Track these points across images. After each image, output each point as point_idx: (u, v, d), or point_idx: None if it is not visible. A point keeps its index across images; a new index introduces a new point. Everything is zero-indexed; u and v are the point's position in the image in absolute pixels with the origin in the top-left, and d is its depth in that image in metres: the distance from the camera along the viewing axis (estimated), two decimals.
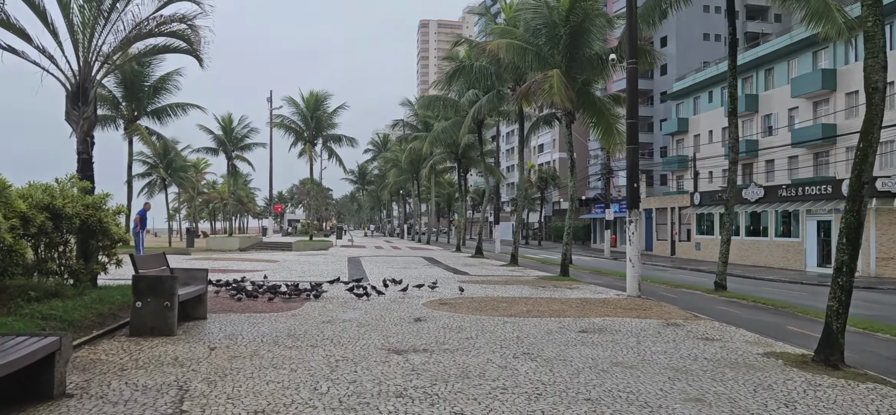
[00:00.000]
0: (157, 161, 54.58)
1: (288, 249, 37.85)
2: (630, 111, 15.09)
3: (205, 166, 78.99)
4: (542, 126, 32.87)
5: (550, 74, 18.22)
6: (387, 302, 13.11)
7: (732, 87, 17.48)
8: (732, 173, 17.63)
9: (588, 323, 10.73)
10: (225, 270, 20.80)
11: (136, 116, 31.76)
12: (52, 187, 10.68)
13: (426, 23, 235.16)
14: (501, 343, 8.69)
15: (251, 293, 12.90)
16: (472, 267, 25.26)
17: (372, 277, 19.12)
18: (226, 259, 26.57)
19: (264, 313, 11.07)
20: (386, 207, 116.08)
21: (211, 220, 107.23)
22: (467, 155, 41.23)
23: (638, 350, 8.43)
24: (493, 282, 18.45)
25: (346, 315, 11.13)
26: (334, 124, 48.04)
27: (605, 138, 20.62)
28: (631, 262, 15.00)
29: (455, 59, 30.97)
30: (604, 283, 20.22)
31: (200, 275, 10.19)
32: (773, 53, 48.59)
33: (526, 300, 13.88)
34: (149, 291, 8.47)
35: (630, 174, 15.14)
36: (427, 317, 11.08)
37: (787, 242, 35.91)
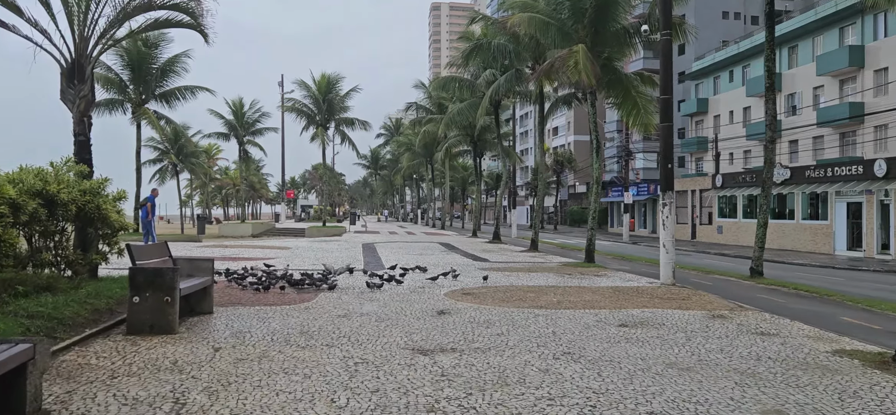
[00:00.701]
0: (167, 147, 53.97)
1: (301, 235, 37.15)
2: (664, 86, 14.11)
3: (217, 152, 78.55)
4: (561, 106, 31.81)
5: (575, 50, 17.22)
6: (406, 292, 12.28)
7: (769, 61, 16.45)
8: (769, 153, 16.63)
9: (627, 315, 9.84)
10: (236, 258, 20.08)
11: (144, 100, 31.04)
12: (46, 172, 9.90)
13: (438, 5, 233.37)
14: (537, 340, 7.82)
15: (263, 284, 12.09)
16: (491, 253, 24.40)
17: (388, 265, 18.32)
18: (238, 246, 25.85)
19: (275, 305, 10.26)
20: (399, 191, 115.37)
21: (224, 206, 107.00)
22: (483, 138, 40.24)
23: (690, 348, 7.54)
24: (515, 269, 17.58)
25: (364, 308, 10.30)
26: (347, 108, 47.19)
27: (631, 118, 19.60)
28: (664, 247, 14.08)
29: (471, 39, 29.94)
30: (631, 269, 19.30)
31: (205, 266, 9.37)
32: (797, 30, 47.09)
33: (554, 290, 13.00)
34: (147, 285, 7.66)
35: (664, 154, 14.20)
36: (451, 309, 10.23)
37: (814, 224, 34.77)
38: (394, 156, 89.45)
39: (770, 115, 16.47)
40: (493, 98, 27.23)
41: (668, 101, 14.06)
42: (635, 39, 19.20)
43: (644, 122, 19.58)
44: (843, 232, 32.40)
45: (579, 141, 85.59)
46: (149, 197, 24.12)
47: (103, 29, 11.06)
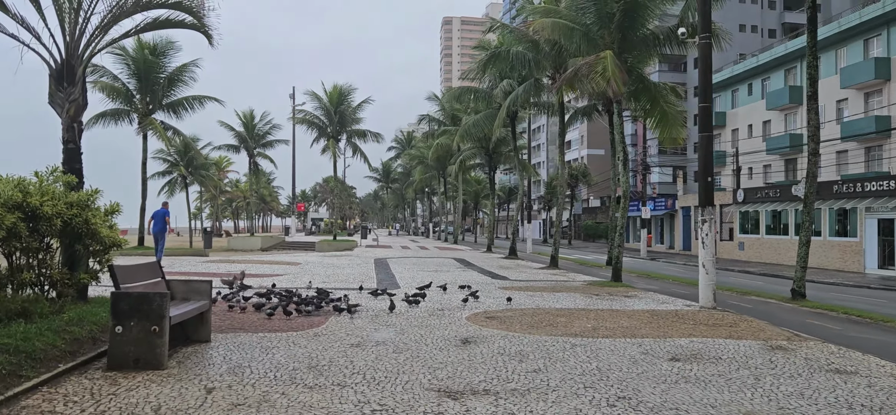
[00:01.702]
0: (177, 159, 53.20)
1: (311, 249, 36.15)
2: (703, 93, 13.03)
3: (227, 164, 77.79)
4: (580, 118, 30.73)
5: (603, 56, 16.16)
6: (424, 315, 11.22)
7: (812, 68, 15.38)
8: (812, 166, 15.50)
9: (675, 347, 8.73)
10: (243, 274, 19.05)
11: (151, 110, 30.19)
12: (28, 182, 8.93)
13: (449, 20, 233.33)
14: (582, 380, 6.74)
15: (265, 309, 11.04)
16: (509, 270, 23.29)
17: (403, 283, 17.28)
18: (246, 261, 24.87)
19: (280, 332, 9.23)
20: (410, 205, 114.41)
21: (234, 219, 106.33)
22: (498, 150, 39.17)
23: (763, 391, 6.43)
24: (538, 288, 16.47)
25: (379, 335, 9.24)
26: (359, 119, 46.22)
27: (660, 128, 18.51)
28: (704, 267, 12.95)
29: (487, 48, 28.97)
30: (661, 289, 18.15)
31: (202, 288, 8.34)
32: (820, 42, 45.70)
33: (586, 313, 11.90)
34: (132, 313, 6.64)
35: (703, 167, 13.09)
36: (476, 337, 9.16)
37: (842, 241, 33.44)
38: (405, 169, 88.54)
39: (813, 125, 15.37)
40: (511, 108, 26.20)
41: (708, 109, 12.99)
42: (663, 46, 18.11)
43: (673, 133, 18.48)
44: (874, 249, 31.07)
45: (593, 155, 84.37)
46: (159, 211, 23.05)
47: (96, 27, 10.10)
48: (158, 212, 22.96)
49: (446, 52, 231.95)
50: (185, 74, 30.17)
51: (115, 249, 10.10)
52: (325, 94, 45.44)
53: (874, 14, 40.64)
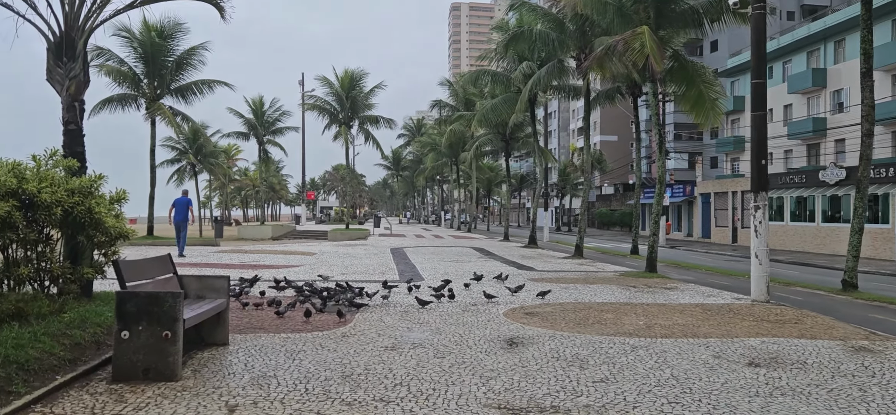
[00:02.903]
0: (186, 146, 52.40)
1: (323, 238, 35.35)
2: (756, 69, 12.07)
3: (236, 152, 77.11)
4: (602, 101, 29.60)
5: (640, 31, 15.14)
6: (458, 311, 10.31)
7: (866, 43, 14.36)
8: (866, 147, 14.53)
9: (747, 348, 7.78)
10: (256, 265, 18.24)
11: (159, 95, 29.30)
12: (23, 167, 8.03)
13: (458, 6, 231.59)
14: (661, 393, 5.80)
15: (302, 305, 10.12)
16: (532, 260, 22.35)
17: (426, 274, 16.38)
18: (258, 251, 24.03)
19: (305, 332, 8.33)
20: (420, 193, 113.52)
21: (243, 207, 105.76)
22: (515, 136, 38.15)
23: (879, 408, 5.48)
24: (569, 280, 15.53)
25: (414, 335, 8.34)
26: (371, 105, 45.23)
27: (695, 110, 17.45)
28: (757, 258, 11.98)
29: (506, 29, 27.92)
30: (698, 280, 17.17)
31: (219, 284, 7.44)
32: (844, 23, 44.48)
33: (632, 308, 10.96)
34: (140, 315, 5.74)
35: (757, 148, 12.13)
36: (521, 337, 8.24)
37: (874, 228, 32.32)
38: (416, 156, 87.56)
39: (867, 104, 14.36)
40: (533, 91, 25.17)
41: (762, 85, 12.04)
42: (700, 22, 17.01)
43: (710, 114, 17.43)
44: None
45: (606, 141, 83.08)
46: (181, 199, 21.97)
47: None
48: (181, 200, 21.87)
49: (455, 38, 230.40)
50: (194, 58, 29.27)
51: (121, 241, 9.20)
52: (337, 79, 44.49)
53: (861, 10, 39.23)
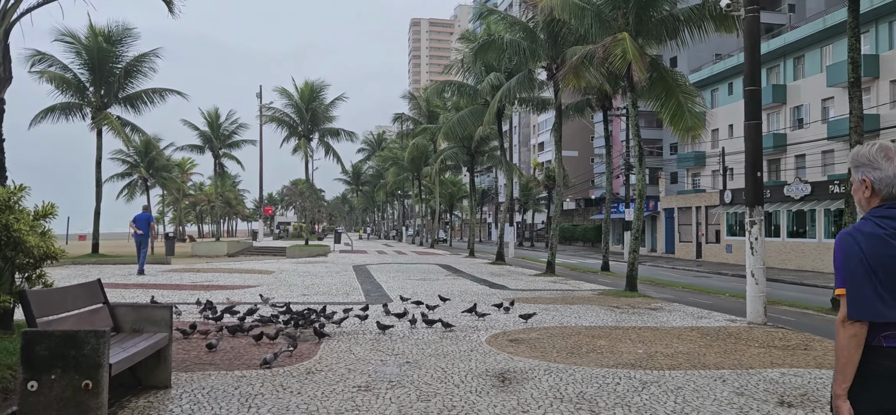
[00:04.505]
0: (137, 159, 50.36)
1: (281, 254, 33.93)
2: (749, 76, 11.31)
3: (191, 166, 74.89)
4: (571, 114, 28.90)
5: (621, 37, 14.37)
6: (435, 339, 9.25)
7: (854, 51, 13.82)
8: None
9: (768, 382, 6.89)
10: (209, 285, 16.90)
11: (106, 104, 27.59)
12: None
13: (417, 21, 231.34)
14: None
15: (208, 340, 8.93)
16: (502, 277, 21.39)
17: (392, 294, 15.26)
18: (212, 269, 22.60)
19: (262, 369, 7.15)
20: (381, 208, 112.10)
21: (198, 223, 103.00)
22: (480, 149, 37.27)
23: None
24: (546, 300, 14.59)
25: (389, 370, 7.24)
26: (332, 118, 43.95)
27: (675, 121, 16.77)
28: (753, 277, 11.17)
29: (472, 39, 27.09)
30: (678, 298, 16.42)
31: (160, 316, 6.24)
32: (803, 40, 44.94)
33: (624, 333, 10.03)
34: (54, 361, 4.55)
35: (752, 161, 11.35)
36: (512, 371, 7.22)
37: None
38: (376, 171, 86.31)
39: (856, 116, 13.79)
40: (501, 102, 24.32)
41: (756, 93, 11.27)
42: (682, 30, 16.36)
43: (689, 125, 16.76)
44: None
45: (567, 156, 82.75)
46: (149, 215, 21.10)
47: None
48: (143, 216, 20.91)
49: (415, 54, 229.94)
50: (144, 65, 27.65)
51: (48, 262, 7.93)
52: (297, 90, 43.13)
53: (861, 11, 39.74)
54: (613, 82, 22.48)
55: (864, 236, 2.55)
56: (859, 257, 2.52)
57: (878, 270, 2.50)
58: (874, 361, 2.53)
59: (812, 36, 43.74)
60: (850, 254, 2.55)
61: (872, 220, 2.61)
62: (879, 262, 2.50)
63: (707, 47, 65.79)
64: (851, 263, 2.54)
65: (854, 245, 2.55)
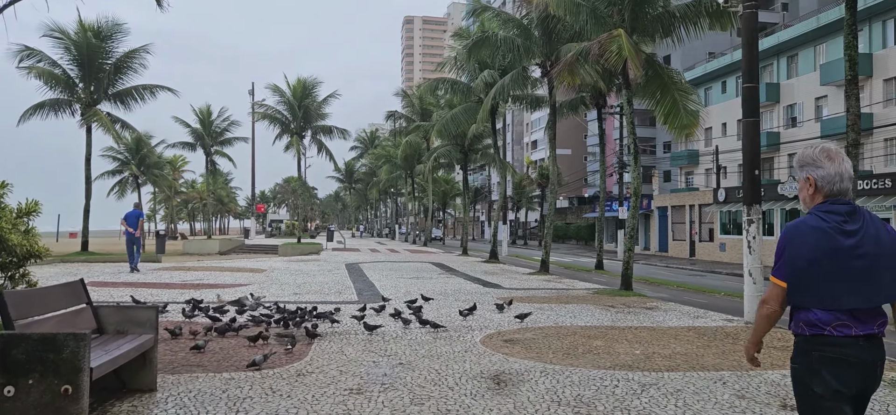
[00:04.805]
0: (127, 156, 49.98)
1: (274, 252, 33.70)
2: (747, 72, 11.19)
3: (182, 164, 74.47)
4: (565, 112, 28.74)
5: (616, 34, 14.23)
6: (428, 339, 9.08)
7: (851, 49, 13.66)
8: (852, 159, 13.75)
9: (769, 384, 6.77)
10: (199, 284, 16.70)
11: (96, 100, 27.29)
12: None
13: (411, 19, 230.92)
14: None
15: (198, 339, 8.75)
16: (496, 276, 21.25)
17: (386, 293, 15.09)
18: (203, 268, 22.37)
19: (251, 371, 6.97)
20: (373, 206, 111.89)
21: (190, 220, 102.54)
22: (474, 147, 37.10)
23: None
24: (541, 299, 14.44)
25: (381, 370, 7.09)
26: (325, 115, 43.70)
27: (670, 119, 16.64)
28: (751, 276, 11.05)
29: (466, 36, 26.91)
30: (674, 298, 16.29)
31: (145, 317, 6.05)
32: (797, 39, 44.96)
33: (620, 333, 9.89)
34: (32, 365, 4.36)
35: (750, 159, 11.20)
36: (507, 373, 7.06)
37: None
38: (369, 169, 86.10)
39: (853, 113, 13.69)
40: (495, 99, 24.14)
41: (754, 90, 11.15)
42: (678, 27, 16.22)
43: (684, 123, 16.64)
44: None
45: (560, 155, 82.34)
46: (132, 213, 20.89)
47: None
48: (132, 213, 20.68)
49: (408, 52, 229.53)
50: (135, 61, 27.35)
51: (32, 261, 7.74)
52: (289, 87, 42.85)
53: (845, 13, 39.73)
54: (608, 80, 22.38)
55: (809, 229, 2.79)
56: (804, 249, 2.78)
57: (822, 260, 2.74)
58: (825, 349, 2.77)
59: (806, 35, 43.78)
60: (796, 245, 2.80)
61: (817, 214, 2.85)
62: (823, 253, 2.75)
63: (700, 46, 65.90)
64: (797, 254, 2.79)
65: (799, 237, 2.80)
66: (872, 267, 2.75)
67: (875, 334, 2.81)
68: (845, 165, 2.91)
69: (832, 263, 2.73)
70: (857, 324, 2.76)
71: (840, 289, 2.73)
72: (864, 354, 2.76)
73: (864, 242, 2.76)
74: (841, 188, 2.88)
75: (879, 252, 2.77)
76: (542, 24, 19.98)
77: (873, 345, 2.80)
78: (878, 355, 2.82)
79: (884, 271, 2.77)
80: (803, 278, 2.78)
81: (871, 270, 2.75)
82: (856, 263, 2.74)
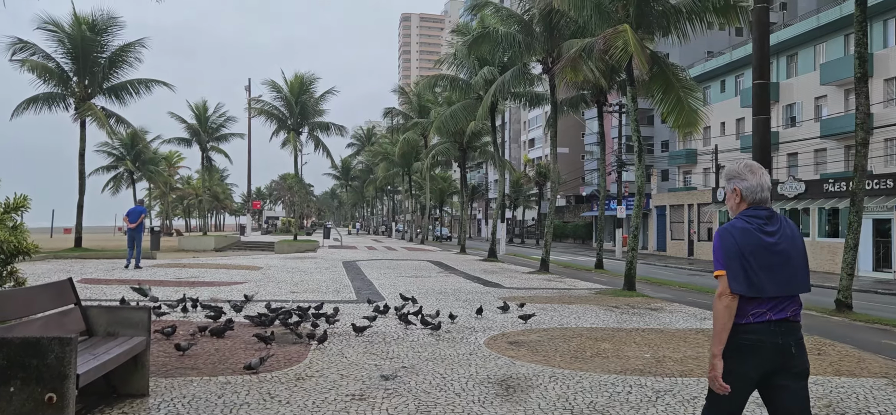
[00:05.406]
0: (122, 152, 49.55)
1: (270, 249, 33.37)
2: (758, 69, 10.90)
3: (178, 160, 74.05)
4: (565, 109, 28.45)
5: (622, 29, 13.95)
6: (431, 341, 8.80)
7: (861, 46, 13.37)
8: (861, 158, 13.53)
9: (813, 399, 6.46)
10: (194, 281, 16.38)
11: (90, 94, 26.91)
12: None
13: (408, 16, 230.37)
14: None
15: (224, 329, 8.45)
16: (496, 275, 20.97)
17: (384, 292, 14.82)
18: (198, 264, 22.05)
19: (247, 375, 6.67)
20: (370, 203, 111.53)
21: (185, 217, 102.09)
22: (472, 144, 36.80)
23: None
24: (543, 299, 14.17)
25: (384, 374, 6.79)
26: (322, 111, 43.33)
27: (673, 116, 16.37)
28: None
29: (466, 32, 26.61)
30: (677, 298, 16.01)
31: (137, 318, 5.75)
32: (796, 39, 44.73)
33: (628, 335, 9.62)
34: (13, 371, 4.06)
35: (758, 156, 10.92)
36: (516, 378, 6.79)
37: (833, 242, 32.06)
38: (366, 166, 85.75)
39: (862, 112, 13.39)
40: (495, 96, 23.85)
41: (764, 86, 10.88)
42: (683, 23, 15.94)
43: (689, 121, 16.36)
44: (869, 251, 29.71)
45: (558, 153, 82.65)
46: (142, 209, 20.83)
47: None
48: (134, 209, 20.68)
49: (405, 49, 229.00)
50: (130, 55, 26.97)
51: (21, 258, 7.45)
52: (286, 83, 42.48)
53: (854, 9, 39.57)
54: (609, 77, 22.09)
55: (738, 231, 3.28)
56: (735, 247, 3.23)
57: (749, 256, 3.21)
58: (744, 334, 3.21)
59: (806, 34, 43.56)
60: (728, 244, 3.26)
61: (743, 218, 3.34)
62: (750, 250, 3.22)
63: (699, 45, 65.67)
64: (730, 251, 3.24)
65: (730, 237, 3.28)
66: (788, 261, 3.24)
67: (788, 319, 3.25)
68: (765, 178, 3.39)
69: (756, 257, 3.20)
70: (774, 310, 3.22)
71: (764, 279, 3.19)
72: (776, 337, 3.20)
73: (781, 241, 3.26)
74: (762, 197, 3.37)
75: (793, 249, 3.28)
76: (545, 20, 19.70)
77: (786, 329, 3.23)
78: (792, 339, 3.24)
79: (797, 265, 3.27)
80: (735, 270, 3.20)
81: (787, 264, 3.24)
82: (775, 257, 3.22)
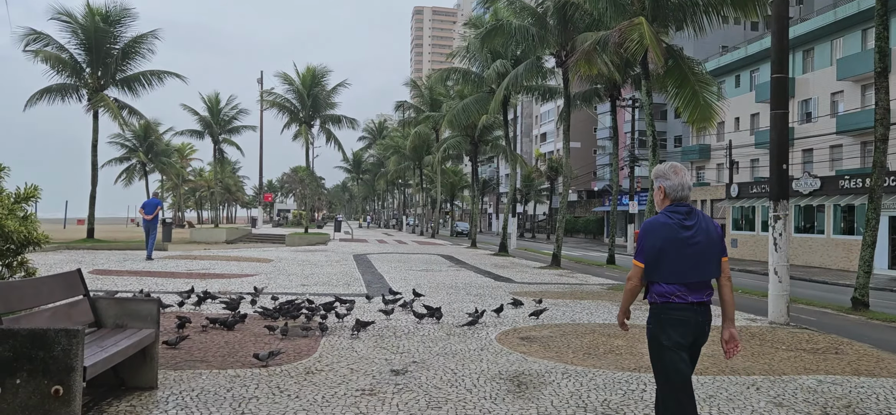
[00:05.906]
0: (135, 144, 49.73)
1: (281, 242, 33.40)
2: (777, 63, 10.72)
3: (190, 152, 74.31)
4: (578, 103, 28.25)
5: (637, 22, 13.78)
6: (442, 335, 8.72)
7: (881, 40, 13.16)
8: (880, 154, 13.33)
9: (805, 390, 6.37)
10: (205, 273, 16.38)
11: (103, 86, 26.98)
12: None
13: (420, 9, 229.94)
14: None
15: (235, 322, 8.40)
16: (506, 269, 20.87)
17: (395, 286, 14.76)
18: (210, 256, 22.08)
19: (257, 368, 6.62)
20: (381, 197, 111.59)
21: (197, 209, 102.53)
22: (484, 138, 36.65)
23: None
24: (555, 294, 14.06)
25: (394, 368, 6.71)
26: (333, 104, 43.26)
27: (688, 110, 16.16)
28: (776, 274, 10.62)
29: (479, 25, 26.43)
30: None
31: (146, 310, 5.69)
32: (813, 33, 44.20)
33: (640, 332, 9.30)
34: (19, 363, 4.01)
35: (778, 152, 10.75)
36: (528, 374, 6.69)
37: (848, 239, 31.69)
38: (377, 159, 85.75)
39: (882, 107, 13.19)
40: (508, 90, 23.69)
41: (784, 81, 10.69)
42: (700, 15, 15.73)
43: (704, 116, 16.15)
44: (885, 248, 29.31)
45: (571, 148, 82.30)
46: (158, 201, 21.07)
47: None
48: (150, 202, 20.94)
49: (417, 42, 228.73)
50: (143, 46, 27.02)
51: (31, 248, 7.43)
52: (298, 76, 42.44)
53: (872, 3, 39.06)
54: (623, 71, 21.89)
55: (660, 224, 3.77)
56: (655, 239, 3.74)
57: (668, 248, 3.70)
58: (670, 312, 3.74)
59: (822, 28, 43.06)
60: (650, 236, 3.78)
61: (665, 214, 3.82)
62: (669, 242, 3.71)
63: (713, 39, 65.13)
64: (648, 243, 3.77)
65: (652, 230, 3.78)
66: (702, 252, 3.72)
67: (704, 302, 3.78)
68: (686, 178, 3.85)
69: (675, 249, 3.68)
70: (692, 294, 3.73)
71: (682, 267, 3.68)
72: (696, 316, 3.75)
73: (697, 235, 3.72)
74: (682, 195, 3.83)
75: (708, 241, 3.75)
76: (559, 12, 19.51)
77: (702, 309, 3.78)
78: (706, 317, 3.80)
79: (710, 256, 3.76)
80: (655, 260, 3.72)
81: (702, 254, 3.72)
82: (691, 249, 3.69)
